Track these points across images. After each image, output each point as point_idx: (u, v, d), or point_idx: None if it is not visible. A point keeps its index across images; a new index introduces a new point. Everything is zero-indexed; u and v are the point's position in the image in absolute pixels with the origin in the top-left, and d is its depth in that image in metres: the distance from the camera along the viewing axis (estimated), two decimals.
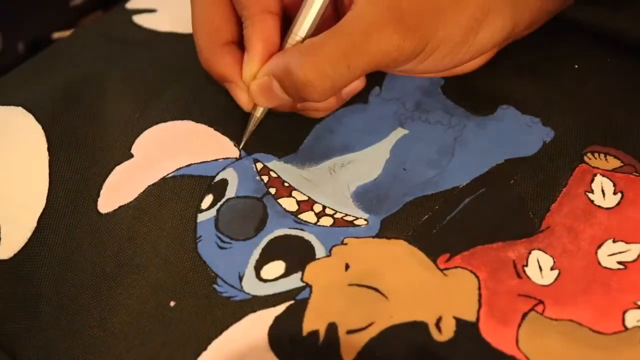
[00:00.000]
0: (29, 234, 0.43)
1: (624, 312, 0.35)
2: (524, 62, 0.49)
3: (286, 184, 0.44)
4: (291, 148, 0.46)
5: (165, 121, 0.47)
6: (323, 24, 0.42)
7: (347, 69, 0.39)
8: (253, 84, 0.42)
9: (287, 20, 0.44)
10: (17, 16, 0.59)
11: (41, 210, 0.44)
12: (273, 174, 0.44)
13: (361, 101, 0.48)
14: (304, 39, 0.42)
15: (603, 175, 0.43)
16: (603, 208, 0.41)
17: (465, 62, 0.44)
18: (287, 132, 0.46)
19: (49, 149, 0.46)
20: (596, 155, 0.44)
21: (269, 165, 0.45)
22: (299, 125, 0.47)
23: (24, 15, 0.60)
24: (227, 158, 0.45)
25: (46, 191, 0.44)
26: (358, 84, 0.45)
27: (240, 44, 0.44)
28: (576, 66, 0.49)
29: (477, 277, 0.37)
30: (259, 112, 0.44)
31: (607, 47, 0.50)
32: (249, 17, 0.42)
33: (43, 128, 0.47)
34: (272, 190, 0.44)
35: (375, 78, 0.48)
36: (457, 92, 0.48)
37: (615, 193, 0.42)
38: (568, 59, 0.49)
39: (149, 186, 0.44)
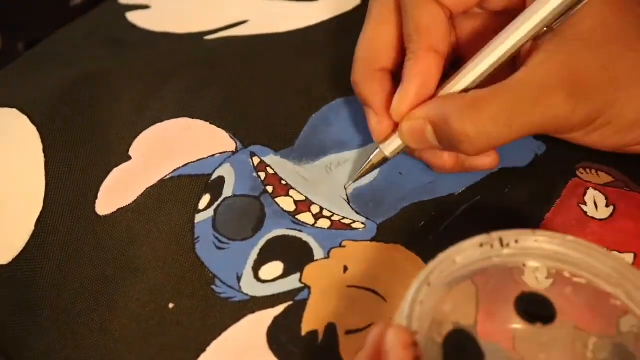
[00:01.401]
0: (27, 238, 0.43)
1: (618, 319, 0.35)
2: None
3: (283, 182, 0.44)
4: (288, 140, 0.46)
5: (162, 120, 0.47)
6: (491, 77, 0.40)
7: (508, 129, 0.37)
8: (406, 124, 0.40)
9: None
10: (17, 16, 0.59)
11: (38, 214, 0.44)
12: (270, 170, 0.44)
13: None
14: (466, 89, 0.40)
15: (595, 189, 0.43)
16: (596, 219, 0.41)
17: (636, 144, 0.41)
18: (284, 122, 0.46)
19: (44, 151, 0.46)
20: (588, 170, 0.44)
21: (266, 159, 0.45)
22: (295, 116, 0.47)
23: (24, 15, 0.60)
24: (224, 152, 0.45)
25: (43, 194, 0.44)
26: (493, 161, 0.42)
27: (395, 73, 0.43)
28: None
29: (474, 283, 0.36)
30: (388, 151, 0.42)
31: None
32: (414, 51, 0.40)
33: (38, 130, 0.46)
34: (270, 189, 0.43)
35: None
36: None
37: (607, 205, 0.42)
38: None
39: (147, 188, 0.44)
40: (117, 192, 0.44)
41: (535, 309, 0.36)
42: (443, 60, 0.40)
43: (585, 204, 0.42)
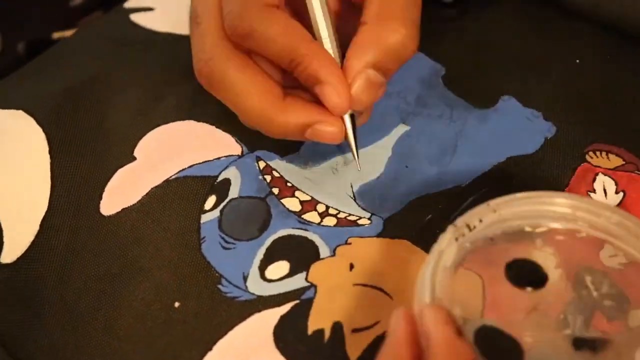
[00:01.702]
0: (32, 238, 0.43)
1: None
2: (525, 55, 0.49)
3: (289, 184, 0.44)
4: (293, 146, 0.46)
5: (167, 122, 0.47)
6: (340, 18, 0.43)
7: (416, 8, 0.41)
8: (355, 90, 0.40)
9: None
10: (17, 16, 0.59)
11: (43, 214, 0.44)
12: (276, 174, 0.44)
13: None
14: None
15: (605, 174, 0.43)
16: None
17: None
18: None
19: (50, 152, 0.46)
20: (598, 153, 0.44)
21: (272, 164, 0.45)
22: None
23: (24, 15, 0.60)
24: (230, 156, 0.45)
25: (48, 194, 0.44)
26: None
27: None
28: (577, 61, 0.49)
29: (481, 277, 0.37)
30: (349, 128, 0.42)
31: (609, 43, 0.50)
32: (305, 55, 0.40)
33: (44, 131, 0.47)
34: (275, 190, 0.44)
35: None
36: (458, 82, 0.48)
37: (617, 192, 0.42)
38: (570, 53, 0.49)
39: (152, 188, 0.44)
40: (121, 192, 0.44)
41: (526, 273, 0.37)
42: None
43: (594, 191, 0.42)
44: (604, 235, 0.38)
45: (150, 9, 0.55)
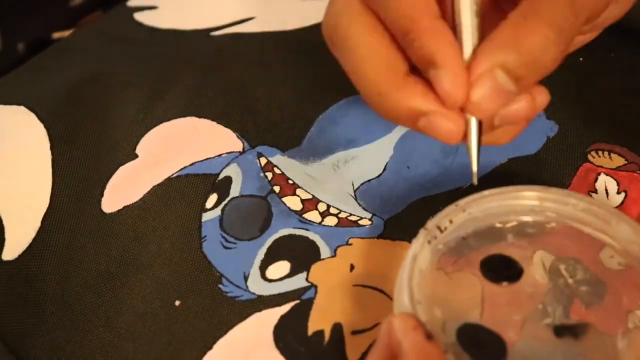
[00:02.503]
0: (33, 235, 0.43)
1: (628, 313, 0.35)
2: None
3: (290, 182, 0.44)
4: (295, 141, 0.46)
5: (169, 119, 0.47)
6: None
7: (575, 18, 0.34)
8: (476, 92, 0.33)
9: None
10: (17, 16, 0.59)
11: (45, 210, 0.44)
12: (277, 170, 0.44)
13: None
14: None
15: (607, 174, 0.43)
16: None
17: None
18: (290, 123, 0.46)
19: (51, 148, 0.46)
20: (600, 153, 0.44)
21: (273, 160, 0.45)
22: (302, 116, 0.47)
23: (24, 15, 0.59)
24: (231, 152, 0.45)
25: (49, 191, 0.44)
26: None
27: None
28: (581, 59, 0.49)
29: (476, 275, 0.37)
30: (474, 133, 0.35)
31: (611, 41, 0.50)
32: (423, 31, 0.34)
33: (45, 127, 0.47)
34: (277, 189, 0.44)
35: None
36: None
37: (618, 192, 0.42)
38: (573, 52, 0.49)
39: (153, 186, 0.44)
40: (123, 190, 0.44)
41: (501, 269, 0.37)
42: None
43: (596, 191, 0.42)
44: (573, 222, 0.38)
45: (154, 7, 0.55)
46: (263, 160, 0.45)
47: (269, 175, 0.44)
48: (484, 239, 0.38)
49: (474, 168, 0.36)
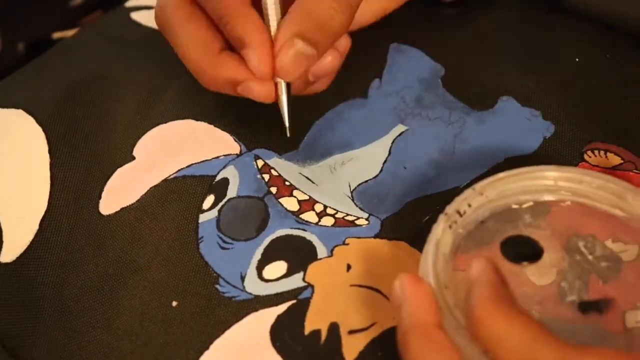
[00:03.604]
0: (31, 237, 0.43)
1: (624, 313, 0.36)
2: (524, 53, 0.49)
3: (287, 183, 0.44)
4: (292, 145, 0.46)
5: (166, 122, 0.47)
6: None
7: None
8: (281, 60, 0.40)
9: None
10: (17, 16, 0.59)
11: (43, 213, 0.44)
12: (274, 172, 0.44)
13: (361, 96, 0.48)
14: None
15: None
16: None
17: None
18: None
19: (49, 151, 0.46)
20: (596, 152, 0.44)
21: (270, 162, 0.45)
22: (299, 121, 0.46)
23: (24, 15, 0.60)
24: (228, 155, 0.45)
25: (47, 193, 0.45)
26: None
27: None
28: (577, 59, 0.49)
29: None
30: (283, 93, 0.42)
31: (608, 42, 0.50)
32: (233, 16, 0.41)
33: (43, 130, 0.47)
34: (273, 190, 0.44)
35: (375, 70, 0.49)
36: (458, 82, 0.48)
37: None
38: (569, 52, 0.49)
39: (150, 188, 0.44)
40: (120, 192, 0.44)
41: (521, 249, 0.38)
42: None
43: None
44: (588, 200, 0.39)
45: (151, 8, 0.56)
46: (260, 163, 0.45)
47: (266, 177, 0.44)
48: (502, 221, 0.39)
49: (286, 122, 0.43)
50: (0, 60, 0.58)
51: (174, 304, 0.40)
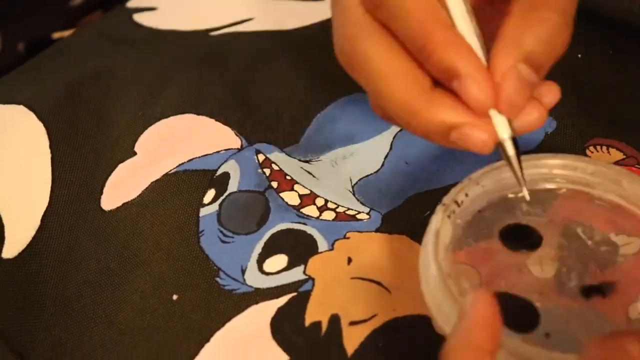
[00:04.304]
0: (33, 233, 0.43)
1: (628, 305, 0.36)
2: None
3: (288, 177, 0.44)
4: (293, 138, 0.46)
5: (167, 117, 0.47)
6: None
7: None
8: (505, 91, 0.33)
9: None
10: (17, 16, 0.59)
11: (44, 209, 0.44)
12: (275, 167, 0.45)
13: (363, 90, 0.48)
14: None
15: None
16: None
17: None
18: (289, 122, 0.47)
19: (50, 147, 0.46)
20: (598, 148, 0.44)
21: (271, 157, 0.45)
22: (300, 114, 0.47)
23: (24, 15, 0.60)
24: (229, 149, 0.45)
25: (49, 189, 0.45)
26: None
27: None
28: (579, 55, 0.49)
29: (479, 273, 0.37)
30: (509, 147, 0.34)
31: (611, 37, 0.50)
32: (440, 44, 0.33)
33: (44, 126, 0.47)
34: (274, 184, 0.44)
35: None
36: None
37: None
38: (572, 48, 0.49)
39: (151, 182, 0.44)
40: (122, 187, 0.45)
41: (520, 237, 0.38)
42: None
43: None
44: (583, 187, 0.39)
45: (153, 9, 0.56)
46: (261, 157, 0.45)
47: (267, 171, 0.44)
48: (499, 210, 0.39)
49: (522, 182, 0.35)
50: (0, 60, 0.58)
51: (175, 297, 0.40)
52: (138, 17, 0.55)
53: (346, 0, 0.36)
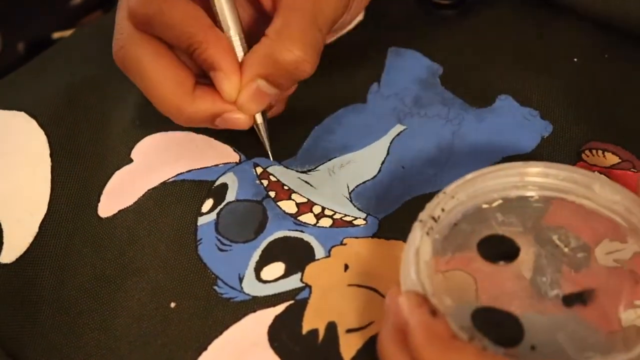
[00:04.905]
0: (30, 239, 0.44)
1: (609, 311, 0.36)
2: (523, 53, 0.50)
3: (285, 187, 0.44)
4: (291, 152, 0.46)
5: (165, 128, 0.47)
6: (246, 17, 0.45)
7: (319, 32, 0.41)
8: (241, 97, 0.41)
9: None
10: (17, 16, 0.60)
11: (43, 216, 0.44)
12: (273, 178, 0.45)
13: (360, 101, 0.48)
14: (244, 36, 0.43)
15: (601, 173, 0.43)
16: None
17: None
18: (286, 136, 0.47)
19: (51, 155, 0.46)
20: (594, 152, 0.44)
21: (269, 169, 0.45)
22: (298, 128, 0.47)
23: (24, 15, 0.60)
24: (227, 163, 0.46)
25: (48, 197, 0.45)
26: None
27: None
28: (575, 59, 0.49)
29: (474, 279, 0.37)
30: (259, 120, 0.44)
31: (607, 41, 0.50)
32: (202, 42, 0.41)
33: (46, 133, 0.47)
34: (272, 194, 0.44)
35: (373, 75, 0.49)
36: (456, 82, 0.48)
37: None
38: (568, 52, 0.50)
39: (148, 190, 0.44)
40: (118, 194, 0.45)
41: (497, 248, 0.38)
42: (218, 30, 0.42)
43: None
44: (556, 193, 0.40)
45: None
46: (259, 170, 0.45)
47: (265, 182, 0.45)
48: (474, 222, 0.39)
49: (268, 147, 0.45)
50: (0, 60, 0.58)
51: (172, 305, 0.40)
52: None
53: (118, 15, 0.43)
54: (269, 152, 0.45)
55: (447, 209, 0.38)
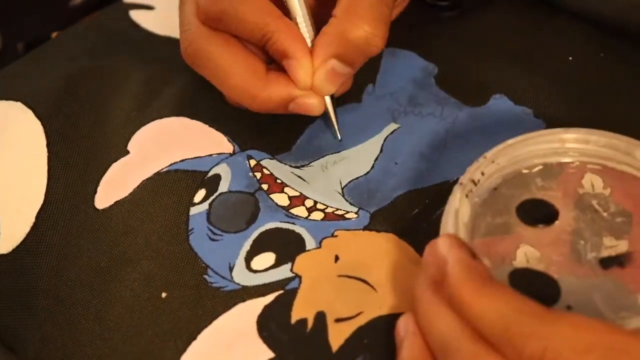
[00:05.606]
0: (27, 229, 0.44)
1: None
2: (518, 52, 0.50)
3: (278, 181, 0.45)
4: (285, 146, 0.47)
5: (161, 118, 0.48)
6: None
7: (386, 7, 0.43)
8: (317, 79, 0.42)
9: None
10: (17, 16, 0.60)
11: (39, 206, 0.45)
12: (266, 171, 0.45)
13: (355, 100, 0.48)
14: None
15: (593, 172, 0.43)
16: None
17: None
18: (281, 131, 0.47)
19: (47, 146, 0.47)
20: None
21: (263, 162, 0.46)
22: (292, 124, 0.47)
23: (24, 15, 0.60)
24: (221, 153, 0.46)
25: (44, 187, 0.45)
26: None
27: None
28: (570, 58, 0.49)
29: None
30: (328, 101, 0.45)
31: (602, 40, 0.50)
32: (274, 31, 0.42)
33: (42, 124, 0.47)
34: (265, 186, 0.44)
35: (368, 75, 0.49)
36: (451, 81, 0.49)
37: (604, 188, 0.43)
38: (562, 51, 0.50)
39: (143, 181, 0.45)
40: (115, 186, 0.45)
41: (537, 212, 0.39)
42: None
43: (582, 187, 0.43)
44: (596, 159, 0.40)
45: (150, 7, 0.56)
46: (252, 162, 0.45)
47: (258, 175, 0.45)
48: (514, 187, 0.39)
49: (337, 129, 0.46)
50: (0, 60, 0.58)
51: (164, 295, 0.40)
52: (135, 16, 0.56)
53: (184, 11, 0.44)
54: (337, 133, 0.46)
55: (487, 173, 0.39)
